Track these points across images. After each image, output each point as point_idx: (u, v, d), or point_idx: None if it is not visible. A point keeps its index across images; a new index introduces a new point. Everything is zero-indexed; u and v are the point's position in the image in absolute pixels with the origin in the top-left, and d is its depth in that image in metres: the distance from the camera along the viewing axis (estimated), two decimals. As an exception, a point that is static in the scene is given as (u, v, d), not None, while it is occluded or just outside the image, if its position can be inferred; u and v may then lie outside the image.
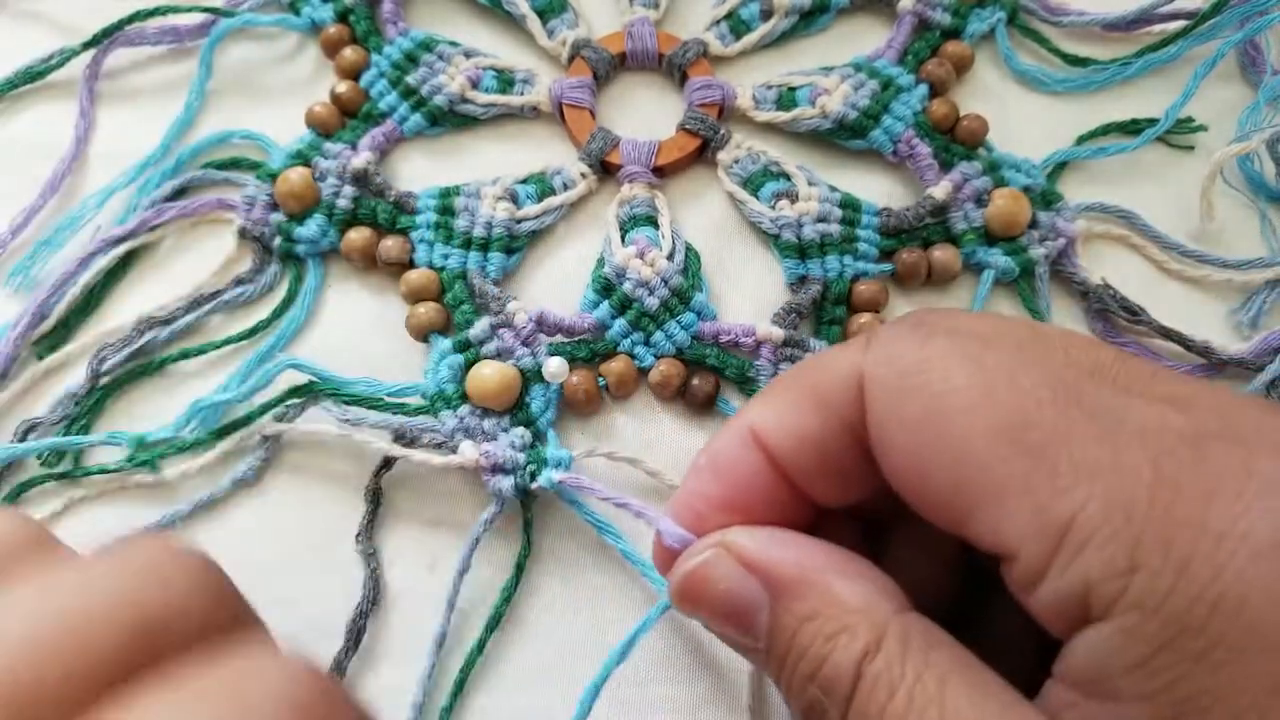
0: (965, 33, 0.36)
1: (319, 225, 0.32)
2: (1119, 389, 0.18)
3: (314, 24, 0.36)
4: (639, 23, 0.35)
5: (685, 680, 0.28)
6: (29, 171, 0.33)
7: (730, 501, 0.21)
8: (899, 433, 0.19)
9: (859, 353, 0.20)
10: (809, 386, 0.21)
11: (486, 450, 0.28)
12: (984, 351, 0.18)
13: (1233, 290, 0.33)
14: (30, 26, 0.36)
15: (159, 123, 0.34)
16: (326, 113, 0.34)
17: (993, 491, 0.17)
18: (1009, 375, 0.18)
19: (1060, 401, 0.17)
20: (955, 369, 0.18)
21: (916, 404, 0.18)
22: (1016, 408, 0.17)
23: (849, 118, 0.34)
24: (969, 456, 0.18)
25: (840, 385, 0.20)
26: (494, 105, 0.34)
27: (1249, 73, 0.36)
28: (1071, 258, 0.33)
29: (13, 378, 0.31)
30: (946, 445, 0.18)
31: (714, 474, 0.21)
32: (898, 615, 0.19)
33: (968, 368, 0.18)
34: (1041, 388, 0.17)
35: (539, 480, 0.28)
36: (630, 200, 0.33)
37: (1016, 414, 0.17)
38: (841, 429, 0.20)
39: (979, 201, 0.33)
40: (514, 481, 0.28)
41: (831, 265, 0.32)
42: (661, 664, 0.28)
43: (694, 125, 0.34)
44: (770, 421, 0.21)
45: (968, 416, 0.18)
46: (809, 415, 0.20)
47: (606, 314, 0.31)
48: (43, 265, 0.32)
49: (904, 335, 0.19)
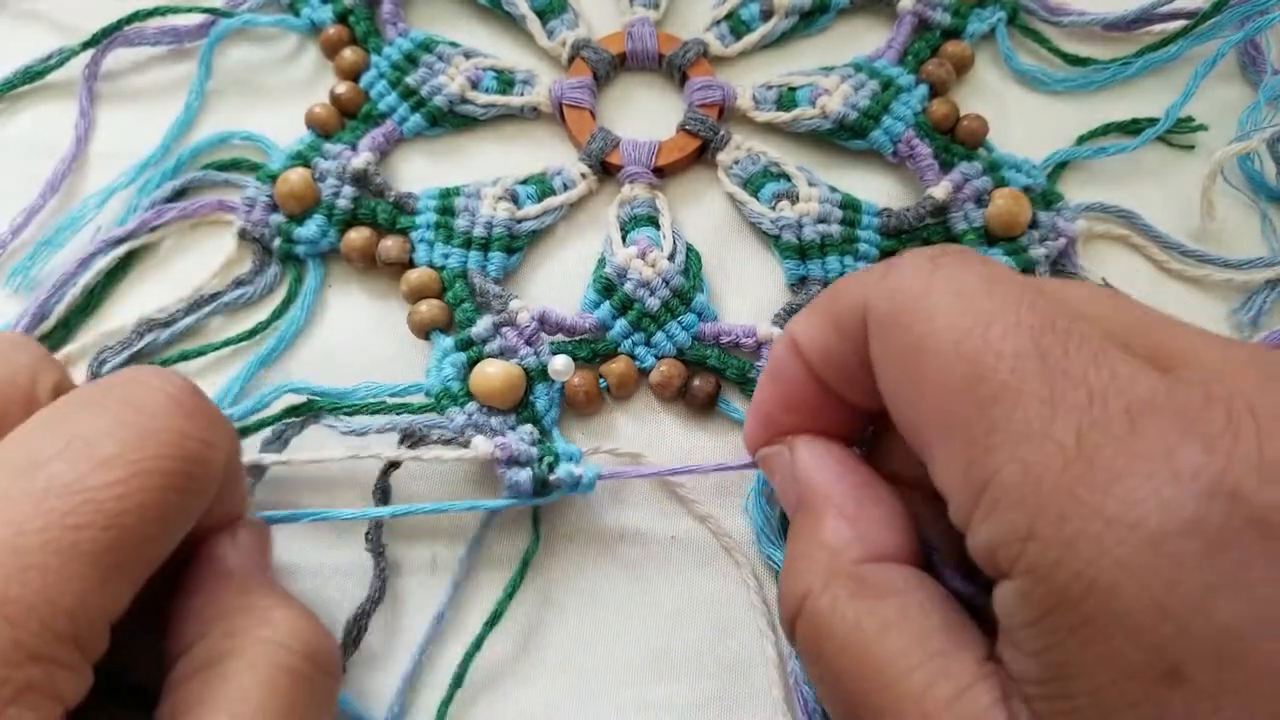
0: (965, 33, 0.36)
1: (319, 226, 0.32)
2: (1104, 342, 0.18)
3: (314, 25, 0.36)
4: (639, 23, 0.35)
5: (685, 680, 0.28)
6: (29, 172, 0.33)
7: (788, 403, 0.24)
8: (884, 364, 0.20)
9: (875, 279, 0.21)
10: (831, 308, 0.22)
11: (502, 442, 0.28)
12: (976, 295, 0.19)
13: (1233, 290, 0.33)
14: (30, 26, 0.36)
15: (159, 123, 0.34)
16: (326, 114, 0.34)
17: (940, 437, 0.19)
18: (986, 323, 0.18)
19: (1024, 356, 0.18)
20: (942, 310, 0.19)
21: (901, 340, 0.19)
22: (976, 359, 0.18)
23: (849, 118, 0.34)
24: (928, 399, 0.19)
25: (853, 312, 0.21)
26: (494, 106, 0.34)
27: (1249, 72, 0.36)
28: (1072, 258, 0.33)
29: (13, 379, 0.31)
30: (914, 384, 0.19)
31: (772, 379, 0.24)
32: (861, 564, 0.20)
33: (953, 310, 0.19)
34: (1009, 339, 0.18)
35: (558, 473, 0.28)
36: (631, 200, 0.33)
37: (974, 366, 0.18)
38: (856, 351, 0.21)
39: (979, 201, 0.33)
40: (531, 473, 0.28)
41: (832, 266, 0.32)
42: (661, 664, 0.28)
43: (694, 126, 0.34)
44: (804, 336, 0.23)
45: (936, 360, 0.19)
46: (831, 336, 0.22)
47: (608, 314, 0.31)
48: (43, 266, 0.32)
49: (914, 267, 0.20)
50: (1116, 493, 0.16)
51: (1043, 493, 0.17)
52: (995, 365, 0.18)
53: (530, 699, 0.27)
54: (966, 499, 0.18)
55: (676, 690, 0.27)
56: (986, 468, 0.17)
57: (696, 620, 0.28)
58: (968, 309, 0.19)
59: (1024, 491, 0.17)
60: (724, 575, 0.29)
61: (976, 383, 0.18)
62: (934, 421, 0.19)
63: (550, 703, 0.27)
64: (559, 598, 0.28)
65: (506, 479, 0.28)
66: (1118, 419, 0.17)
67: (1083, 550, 0.16)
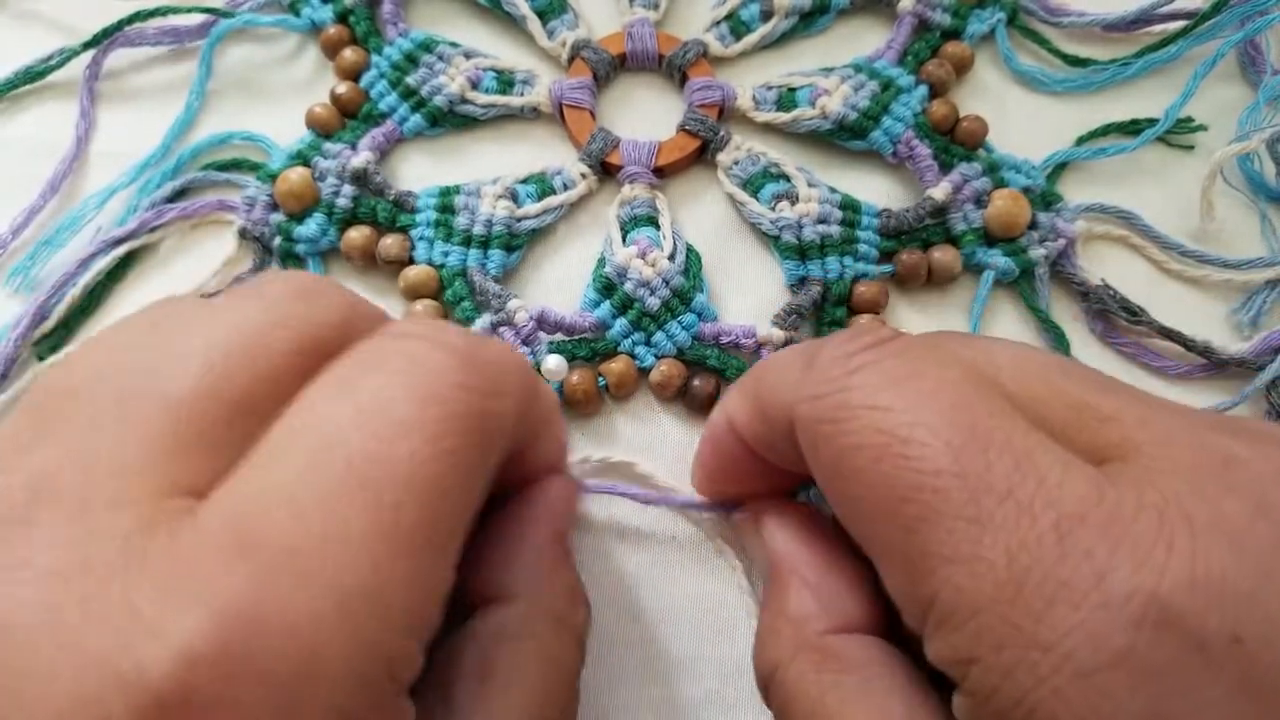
0: (965, 33, 0.36)
1: (319, 224, 0.32)
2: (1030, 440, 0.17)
3: (314, 25, 0.36)
4: (639, 24, 0.35)
5: (684, 680, 0.28)
6: (29, 172, 0.33)
7: (728, 468, 0.25)
8: (819, 471, 0.20)
9: (796, 380, 0.20)
10: (760, 401, 0.22)
11: None
12: (891, 404, 0.18)
13: (1233, 290, 0.33)
14: (30, 27, 0.36)
15: (159, 123, 0.34)
16: (326, 113, 0.34)
17: (877, 553, 0.19)
18: (903, 438, 0.18)
19: (944, 474, 0.17)
20: (859, 426, 0.18)
21: (830, 453, 0.19)
22: (896, 480, 0.17)
23: (849, 118, 0.34)
24: (859, 518, 0.19)
25: (779, 411, 0.21)
26: (494, 106, 0.34)
27: (1249, 72, 0.36)
28: (1071, 258, 0.33)
29: (13, 378, 0.31)
30: (843, 502, 0.19)
31: (711, 447, 0.25)
32: (827, 636, 0.21)
33: (870, 425, 0.18)
34: (928, 457, 0.17)
35: None
36: (631, 200, 0.33)
37: (895, 488, 0.17)
38: (786, 438, 0.21)
39: (979, 202, 0.33)
40: None
41: (832, 266, 0.32)
42: (660, 664, 0.28)
43: (694, 126, 0.34)
44: (737, 419, 0.23)
45: (859, 481, 0.18)
46: (762, 425, 0.22)
47: (607, 313, 0.31)
48: (43, 266, 0.32)
49: (833, 368, 0.19)
50: (1048, 621, 0.16)
51: (980, 619, 0.16)
52: (917, 485, 0.17)
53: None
54: (913, 617, 0.18)
55: (676, 690, 0.27)
56: (925, 590, 0.17)
57: (695, 621, 0.28)
58: (886, 424, 0.18)
59: (962, 617, 0.16)
60: (723, 577, 0.29)
61: (900, 504, 0.17)
62: (869, 539, 0.19)
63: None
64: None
65: None
66: (1046, 536, 0.16)
67: (1020, 678, 0.16)
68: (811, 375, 0.20)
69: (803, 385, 0.20)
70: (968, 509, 0.17)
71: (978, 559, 0.16)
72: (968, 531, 0.16)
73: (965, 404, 0.18)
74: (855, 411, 0.18)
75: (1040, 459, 0.17)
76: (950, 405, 0.18)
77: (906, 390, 0.18)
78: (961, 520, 0.17)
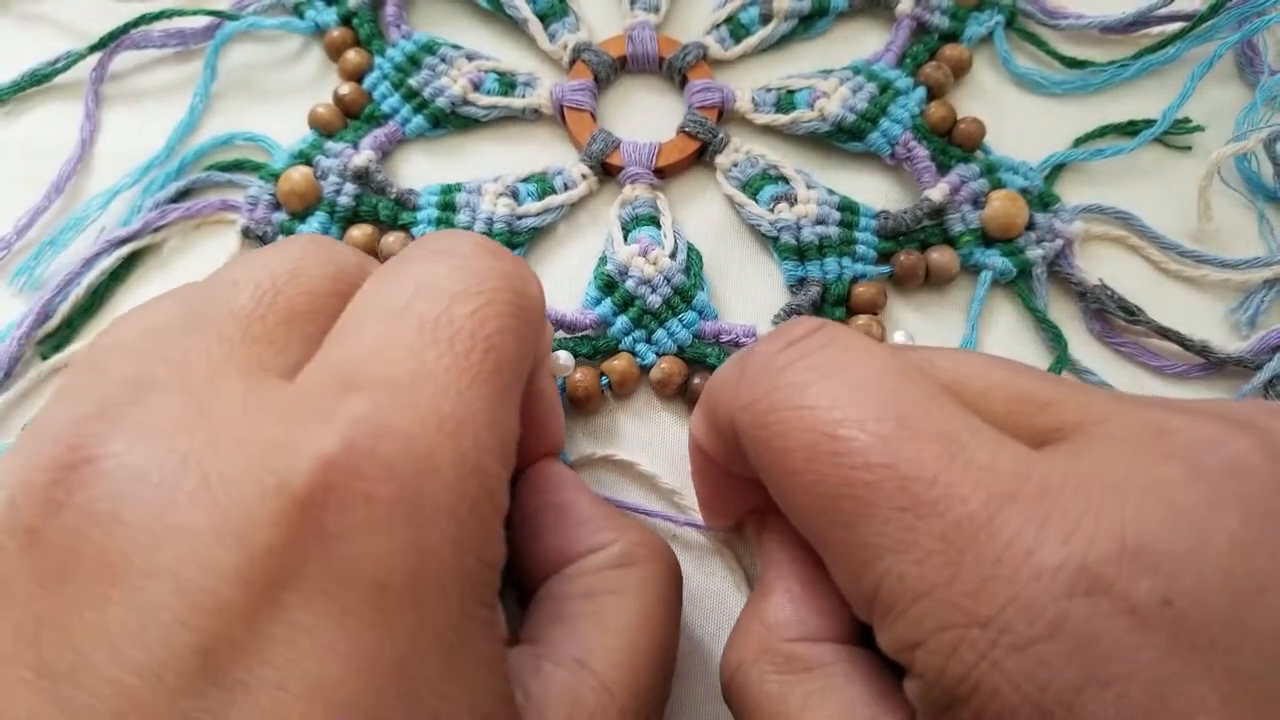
0: (963, 36, 0.36)
1: (321, 223, 0.32)
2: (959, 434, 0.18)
3: (318, 27, 0.36)
4: (639, 26, 0.36)
5: (684, 679, 0.28)
6: (34, 173, 0.33)
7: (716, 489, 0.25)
8: (763, 477, 0.20)
9: (733, 389, 0.21)
10: (711, 414, 0.22)
11: None
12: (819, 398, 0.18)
13: (1231, 290, 0.33)
14: (36, 30, 0.36)
15: (163, 124, 0.34)
16: (329, 113, 0.34)
17: (822, 551, 0.19)
18: (832, 432, 0.18)
19: (874, 466, 0.17)
20: (790, 425, 0.19)
21: (766, 457, 0.19)
22: (828, 476, 0.18)
23: (847, 120, 0.34)
24: (799, 515, 0.19)
25: (726, 422, 0.21)
26: (496, 107, 0.35)
27: (1246, 73, 0.36)
28: (1069, 258, 0.33)
29: (16, 378, 0.31)
30: (789, 500, 0.19)
31: (696, 472, 0.25)
32: (795, 644, 0.21)
33: (800, 422, 0.18)
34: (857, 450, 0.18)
35: None
36: (632, 201, 0.33)
37: (830, 483, 0.18)
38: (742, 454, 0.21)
39: (976, 203, 0.33)
40: None
41: (830, 267, 0.32)
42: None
43: (693, 128, 0.34)
44: (697, 435, 0.24)
45: (794, 480, 0.18)
46: (717, 439, 0.22)
47: (609, 311, 0.31)
48: (47, 265, 0.32)
49: (764, 372, 0.20)
50: (984, 598, 0.16)
51: (921, 604, 0.17)
52: (849, 480, 0.17)
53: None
54: (861, 611, 0.18)
55: (676, 688, 0.27)
56: (868, 582, 0.17)
57: (696, 619, 0.28)
58: (814, 422, 0.18)
59: (904, 604, 0.17)
60: (723, 576, 0.29)
61: (835, 501, 0.18)
62: (814, 538, 0.19)
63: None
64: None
65: None
66: (977, 517, 0.16)
67: (964, 655, 0.16)
68: (744, 382, 0.20)
69: (738, 394, 0.20)
70: (899, 498, 0.17)
71: (914, 545, 0.17)
72: (901, 520, 0.17)
73: (891, 392, 0.18)
74: (782, 415, 0.19)
75: (969, 440, 0.17)
76: (876, 395, 0.18)
77: (831, 385, 0.19)
78: (894, 510, 0.17)
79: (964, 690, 0.16)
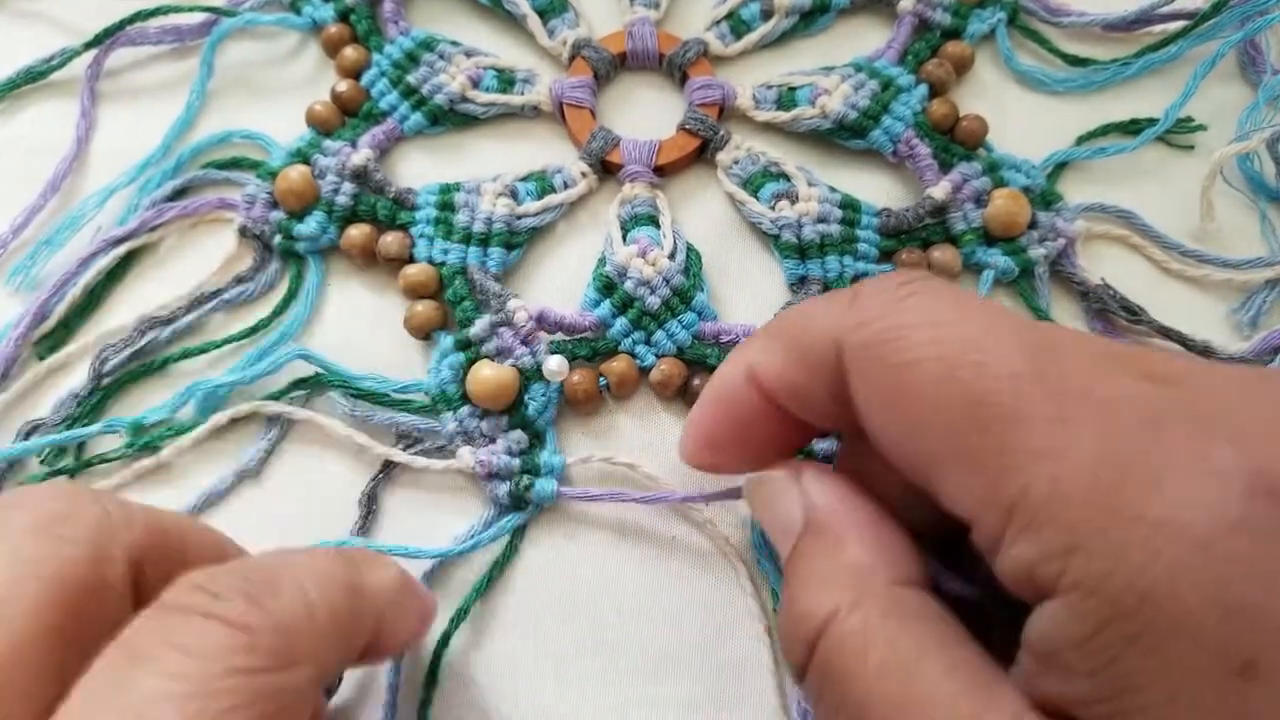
0: (965, 33, 0.36)
1: (319, 222, 0.32)
2: (1096, 363, 0.18)
3: (315, 23, 0.36)
4: (639, 23, 0.36)
5: (685, 680, 0.28)
6: (30, 171, 0.33)
7: (734, 425, 0.23)
8: (871, 399, 0.19)
9: (841, 312, 0.20)
10: (797, 342, 0.21)
11: (482, 459, 0.29)
12: (954, 322, 0.19)
13: (1233, 290, 0.33)
14: (32, 26, 0.36)
15: (160, 122, 0.34)
16: (327, 111, 0.34)
17: (952, 464, 0.18)
18: (976, 348, 0.18)
19: (1021, 378, 0.17)
20: (925, 340, 0.18)
21: (886, 374, 0.19)
22: (974, 385, 0.18)
23: (849, 118, 0.34)
24: (927, 431, 0.18)
25: (822, 346, 0.20)
26: (494, 104, 0.34)
27: (1249, 72, 0.36)
28: (1071, 258, 0.33)
29: (14, 378, 0.31)
30: (908, 418, 0.19)
31: (718, 402, 0.23)
32: (892, 586, 0.19)
33: (937, 339, 0.18)
34: (1004, 362, 0.18)
35: (534, 492, 0.29)
36: (631, 200, 0.33)
37: (972, 392, 0.18)
38: (827, 383, 0.21)
39: (978, 202, 0.33)
40: (509, 489, 0.29)
41: (831, 266, 0.32)
42: (660, 663, 0.28)
43: (694, 125, 0.34)
44: (764, 368, 0.22)
45: (929, 391, 0.18)
46: (796, 370, 0.21)
47: (608, 312, 0.31)
48: (43, 265, 0.32)
49: (881, 296, 0.20)
50: (1158, 497, 0.16)
51: (1078, 506, 0.16)
52: (996, 388, 0.17)
53: (531, 697, 0.27)
54: (993, 521, 0.17)
55: (675, 689, 0.27)
56: (1009, 488, 0.17)
57: (695, 621, 0.28)
58: (951, 336, 0.18)
59: (1057, 507, 0.16)
60: (722, 577, 0.29)
61: (978, 408, 0.17)
62: (938, 451, 0.18)
63: (551, 700, 0.27)
64: (559, 598, 0.28)
65: (489, 491, 0.29)
66: (1138, 428, 0.16)
67: (1134, 557, 0.15)
68: (859, 304, 0.20)
69: (850, 315, 0.20)
70: (1047, 408, 0.17)
71: (1070, 448, 0.16)
72: (1052, 429, 0.17)
73: (1022, 322, 0.18)
74: (911, 330, 0.19)
75: (1110, 368, 0.18)
76: (1009, 322, 0.18)
77: (961, 308, 0.19)
78: (1044, 420, 0.17)
79: (1131, 597, 0.15)
